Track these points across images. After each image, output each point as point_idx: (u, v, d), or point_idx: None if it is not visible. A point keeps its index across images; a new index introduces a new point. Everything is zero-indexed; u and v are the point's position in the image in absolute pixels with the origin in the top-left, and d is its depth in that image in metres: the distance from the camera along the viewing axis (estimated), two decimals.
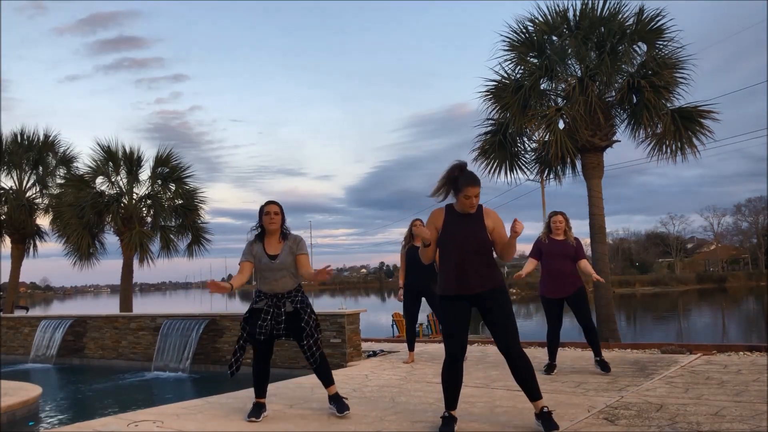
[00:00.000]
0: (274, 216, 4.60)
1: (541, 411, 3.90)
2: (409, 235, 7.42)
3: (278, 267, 4.57)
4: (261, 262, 4.60)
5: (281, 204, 4.71)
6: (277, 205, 4.67)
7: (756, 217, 65.73)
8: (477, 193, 3.95)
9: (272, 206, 4.65)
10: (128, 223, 15.86)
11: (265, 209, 4.64)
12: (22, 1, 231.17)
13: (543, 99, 11.64)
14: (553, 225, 6.26)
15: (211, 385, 7.60)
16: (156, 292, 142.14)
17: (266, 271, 4.60)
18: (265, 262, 4.58)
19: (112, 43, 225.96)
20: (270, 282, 4.61)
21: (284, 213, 4.71)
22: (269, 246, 4.62)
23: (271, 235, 4.64)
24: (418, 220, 7.37)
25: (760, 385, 5.06)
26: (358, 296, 70.69)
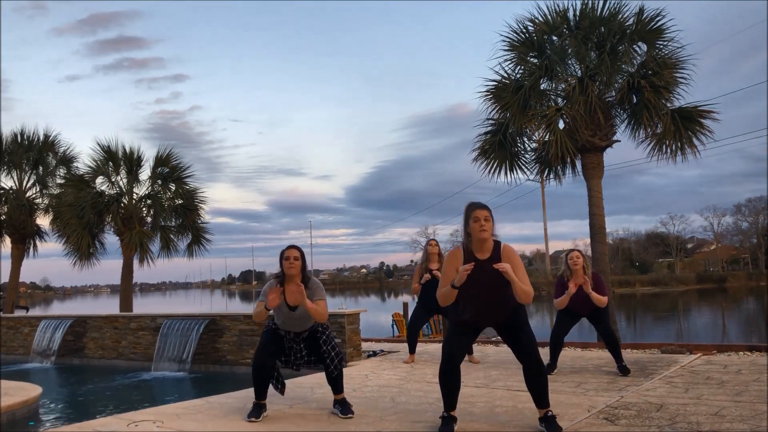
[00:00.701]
0: (294, 261, 4.60)
1: (545, 415, 3.91)
2: (425, 256, 7.46)
3: (298, 316, 4.64)
4: (281, 309, 4.64)
5: (303, 250, 4.72)
6: (297, 250, 4.67)
7: (756, 217, 65.73)
8: (486, 215, 3.89)
9: (292, 251, 4.64)
10: (128, 223, 15.85)
11: (285, 254, 4.64)
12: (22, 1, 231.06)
13: (543, 99, 11.63)
14: (570, 262, 6.09)
15: (211, 385, 7.61)
16: (156, 292, 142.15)
17: (285, 318, 4.67)
18: (285, 312, 4.64)
19: (112, 44, 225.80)
20: (287, 326, 4.70)
21: (305, 257, 4.71)
22: (289, 294, 4.60)
23: (291, 280, 4.62)
24: (433, 239, 7.64)
25: (760, 385, 5.06)
26: (358, 296, 70.69)
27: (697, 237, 77.89)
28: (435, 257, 7.33)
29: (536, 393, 3.93)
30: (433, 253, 7.35)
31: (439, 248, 7.45)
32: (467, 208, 3.99)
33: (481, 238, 3.91)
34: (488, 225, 3.90)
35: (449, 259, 4.02)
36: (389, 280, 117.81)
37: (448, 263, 4.00)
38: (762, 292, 45.05)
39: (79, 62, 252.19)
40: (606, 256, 11.47)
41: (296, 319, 4.65)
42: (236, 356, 8.84)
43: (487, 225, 3.89)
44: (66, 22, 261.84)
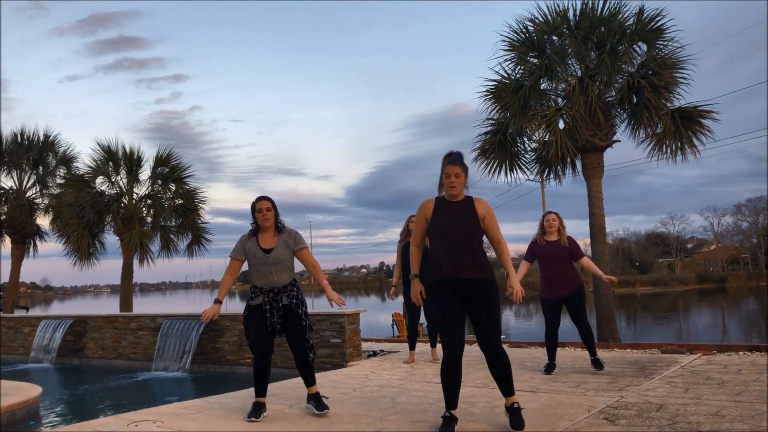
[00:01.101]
0: (266, 212, 4.55)
1: (511, 406, 3.94)
2: (405, 230, 7.38)
3: (273, 261, 4.54)
4: (255, 256, 4.56)
5: (273, 199, 4.65)
6: (269, 201, 4.60)
7: (756, 217, 65.71)
8: (457, 171, 3.92)
9: (264, 202, 4.58)
10: (128, 223, 15.86)
11: (256, 206, 4.58)
12: (22, 1, 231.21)
13: (543, 99, 11.64)
14: (546, 224, 6.25)
15: (211, 385, 7.61)
16: (156, 292, 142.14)
17: (260, 266, 4.56)
18: (259, 256, 4.54)
19: (112, 44, 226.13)
20: (265, 276, 4.58)
21: (277, 207, 4.64)
22: (263, 240, 4.58)
23: (265, 230, 4.61)
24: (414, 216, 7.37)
25: (760, 385, 5.06)
26: (358, 296, 70.64)
27: (697, 237, 77.94)
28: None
29: (500, 380, 3.95)
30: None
31: None
32: (443, 160, 4.05)
33: (450, 195, 4.01)
34: (458, 181, 3.94)
35: (420, 211, 4.10)
36: (389, 280, 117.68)
37: (419, 213, 4.10)
38: (762, 292, 45.06)
39: (79, 62, 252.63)
40: (606, 256, 11.48)
41: (272, 265, 4.54)
42: (236, 356, 8.84)
43: (457, 181, 3.94)
44: (66, 22, 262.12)
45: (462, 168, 3.97)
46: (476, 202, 4.02)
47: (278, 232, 4.62)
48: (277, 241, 4.58)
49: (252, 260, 4.59)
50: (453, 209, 3.98)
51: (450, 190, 3.97)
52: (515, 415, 3.89)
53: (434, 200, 4.08)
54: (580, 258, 6.27)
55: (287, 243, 4.60)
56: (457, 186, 3.94)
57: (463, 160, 4.05)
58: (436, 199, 4.08)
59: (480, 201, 4.04)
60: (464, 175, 3.98)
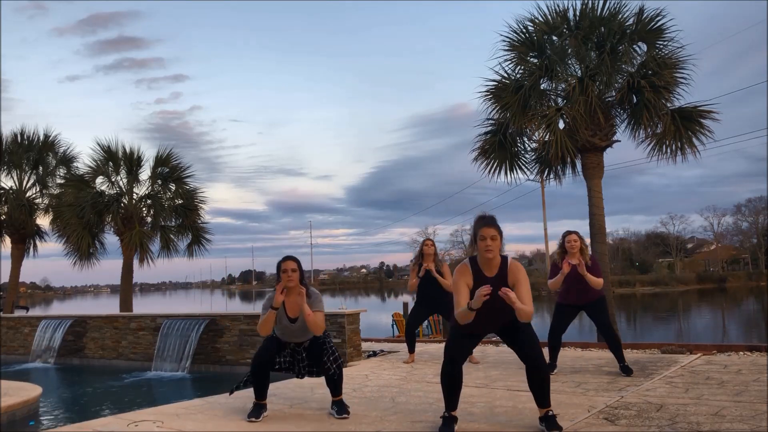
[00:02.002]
0: (291, 273, 4.56)
1: (546, 414, 3.91)
2: (420, 254, 7.44)
3: (297, 329, 4.64)
4: (281, 323, 4.65)
5: (298, 260, 4.68)
6: (294, 261, 4.64)
7: (756, 217, 65.71)
8: (493, 234, 3.89)
9: (290, 263, 4.60)
10: (128, 223, 15.85)
11: (282, 266, 4.60)
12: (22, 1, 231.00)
13: (543, 99, 11.63)
14: (567, 245, 6.06)
15: (211, 385, 7.60)
16: (156, 292, 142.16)
17: (285, 330, 4.67)
18: (285, 324, 4.64)
19: (112, 44, 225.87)
20: (288, 337, 4.71)
21: (302, 267, 4.69)
22: (289, 306, 4.60)
23: (290, 292, 4.61)
24: (429, 239, 7.56)
25: (760, 385, 5.06)
26: (358, 296, 70.69)
27: (697, 237, 77.93)
28: (430, 258, 7.32)
29: (537, 392, 3.93)
30: (429, 254, 7.33)
31: (435, 248, 7.43)
32: (475, 224, 4.02)
33: (487, 258, 3.93)
34: (494, 244, 3.90)
35: (458, 276, 4.03)
36: (389, 280, 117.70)
37: (459, 278, 4.01)
38: (762, 292, 45.06)
39: (79, 62, 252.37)
40: (606, 256, 11.47)
41: (295, 331, 4.66)
42: (236, 356, 8.84)
43: (494, 244, 3.89)
44: (66, 22, 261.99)
45: (497, 230, 3.93)
46: (510, 272, 3.96)
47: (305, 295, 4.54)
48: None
49: (277, 323, 4.66)
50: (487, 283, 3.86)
51: (486, 254, 3.90)
52: (552, 423, 3.86)
53: (470, 267, 4.01)
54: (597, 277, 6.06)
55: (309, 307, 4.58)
56: (493, 250, 3.90)
57: (497, 223, 4.00)
58: (470, 263, 4.02)
59: (513, 268, 3.98)
60: (499, 238, 3.94)
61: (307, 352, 4.72)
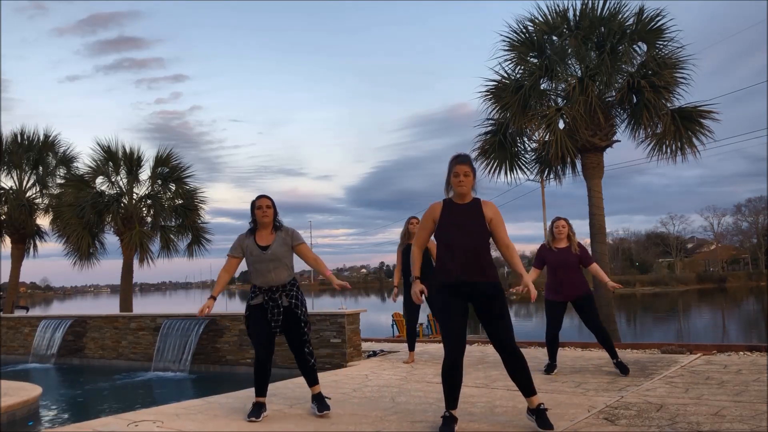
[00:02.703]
0: (266, 209, 4.60)
1: (537, 407, 3.91)
2: (405, 232, 7.36)
3: (270, 258, 4.57)
4: (252, 254, 4.59)
5: (273, 198, 4.70)
6: (268, 199, 4.67)
7: (756, 217, 65.72)
8: (466, 170, 3.93)
9: (264, 200, 4.65)
10: (128, 223, 15.86)
11: (256, 203, 4.64)
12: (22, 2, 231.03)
13: (543, 99, 11.64)
14: (555, 230, 6.19)
15: (211, 385, 7.60)
16: (156, 292, 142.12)
17: (258, 263, 4.59)
18: (257, 253, 4.57)
19: (112, 44, 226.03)
20: (263, 274, 4.60)
21: (276, 207, 4.70)
22: (261, 238, 4.62)
23: (264, 228, 4.64)
24: (414, 218, 7.36)
25: (760, 385, 5.06)
26: (358, 296, 70.67)
27: (697, 237, 77.94)
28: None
29: (520, 380, 3.93)
30: (414, 232, 7.20)
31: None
32: (450, 162, 4.05)
33: (459, 193, 3.98)
34: (467, 180, 3.94)
35: (428, 211, 4.08)
36: (389, 280, 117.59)
37: (427, 214, 4.08)
38: (762, 292, 45.06)
39: (79, 62, 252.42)
40: (606, 256, 11.48)
41: (270, 261, 4.56)
42: (236, 356, 8.84)
43: (466, 180, 3.94)
44: (66, 22, 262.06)
45: (471, 168, 3.97)
46: (484, 205, 4.01)
47: (275, 230, 4.65)
48: (275, 238, 4.61)
49: (250, 258, 4.62)
50: (461, 212, 3.97)
51: (458, 188, 3.95)
52: (542, 417, 3.86)
53: (442, 203, 4.07)
54: (590, 264, 6.21)
55: (284, 240, 4.63)
56: (465, 185, 3.94)
57: (472, 161, 4.05)
58: (443, 202, 4.07)
59: (488, 204, 4.03)
60: (473, 176, 3.98)
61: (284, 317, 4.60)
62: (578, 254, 6.13)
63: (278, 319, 4.58)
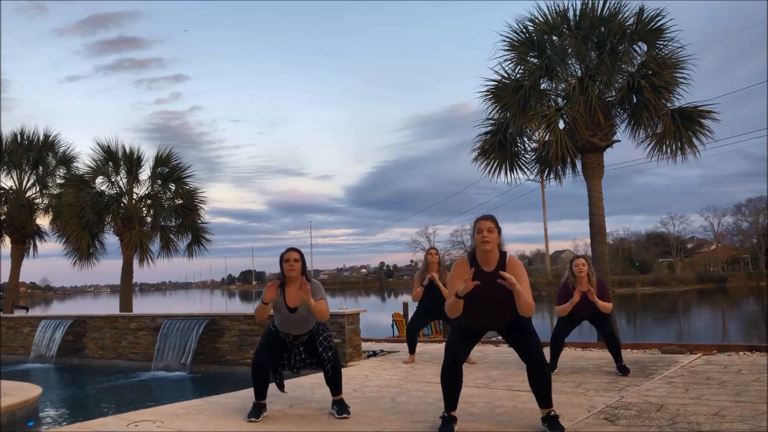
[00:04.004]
0: (294, 263, 4.61)
1: (548, 414, 3.91)
2: (425, 265, 7.48)
3: (297, 318, 4.64)
4: (280, 312, 4.66)
5: (301, 251, 4.73)
6: (297, 252, 4.70)
7: (756, 217, 65.68)
8: (489, 226, 3.90)
9: (292, 253, 4.66)
10: (128, 223, 15.85)
11: (285, 256, 4.66)
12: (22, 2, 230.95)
13: (543, 99, 11.63)
14: (575, 269, 6.04)
15: (211, 385, 7.61)
16: (156, 292, 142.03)
17: (285, 321, 4.67)
18: (285, 314, 4.64)
19: (112, 44, 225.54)
20: (288, 328, 4.70)
21: (305, 259, 4.73)
22: (289, 296, 4.62)
23: (291, 283, 4.63)
24: (433, 248, 7.70)
25: (761, 385, 5.06)
26: (358, 296, 70.68)
27: (697, 237, 77.91)
28: (435, 267, 7.37)
29: (538, 392, 3.93)
30: (433, 263, 7.40)
31: (439, 257, 7.52)
32: (474, 221, 4.07)
33: (484, 250, 3.92)
34: (491, 236, 3.90)
35: (455, 270, 4.02)
36: (389, 280, 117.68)
37: (455, 273, 4.00)
38: (762, 292, 45.05)
39: (79, 62, 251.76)
40: (606, 256, 11.47)
41: (296, 321, 4.66)
42: (236, 356, 8.84)
43: (490, 236, 3.89)
44: (66, 22, 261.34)
45: (494, 223, 3.95)
46: (509, 267, 3.92)
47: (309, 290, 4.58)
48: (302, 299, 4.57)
49: (277, 313, 4.69)
50: (486, 285, 3.84)
51: (483, 245, 3.89)
52: (554, 424, 3.86)
53: (468, 262, 4.00)
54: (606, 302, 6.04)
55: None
56: (490, 241, 3.89)
57: (496, 219, 4.01)
58: (469, 260, 4.01)
59: (512, 263, 3.95)
60: (497, 232, 3.94)
61: (305, 346, 4.73)
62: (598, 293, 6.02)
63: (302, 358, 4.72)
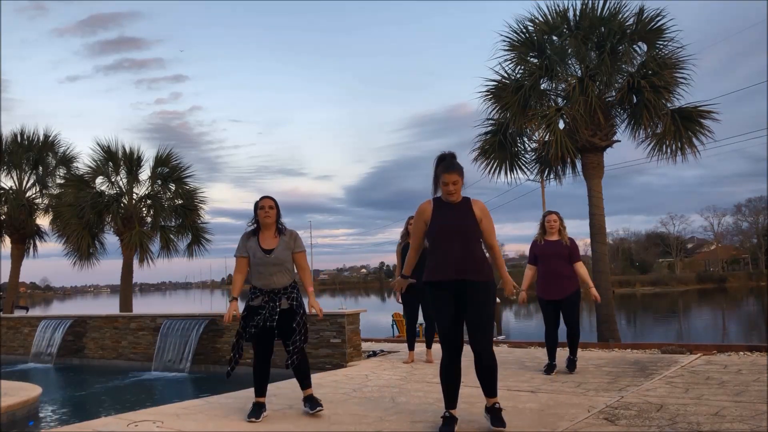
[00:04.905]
0: (269, 210, 4.57)
1: (492, 406, 3.93)
2: (405, 232, 7.37)
3: (273, 261, 4.54)
4: (255, 256, 4.57)
5: (276, 199, 4.67)
6: (271, 200, 4.64)
7: (756, 217, 65.68)
8: (454, 179, 3.90)
9: (267, 200, 4.62)
10: (128, 223, 15.85)
11: (259, 204, 4.61)
12: (22, 2, 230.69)
13: (543, 99, 11.64)
14: (546, 224, 6.24)
15: (211, 385, 7.60)
16: (156, 292, 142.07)
17: (261, 266, 4.56)
18: (260, 256, 4.54)
19: (112, 44, 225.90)
20: (265, 277, 4.58)
21: (279, 208, 4.67)
22: (264, 240, 4.59)
23: (267, 229, 4.61)
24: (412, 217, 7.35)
25: (760, 385, 5.06)
26: (358, 296, 70.67)
27: (697, 237, 77.92)
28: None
29: (483, 381, 3.94)
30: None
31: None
32: (436, 166, 4.02)
33: (450, 201, 3.99)
34: (456, 188, 3.94)
35: (418, 213, 4.07)
36: (389, 281, 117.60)
37: (417, 216, 4.07)
38: (762, 292, 45.05)
39: (79, 63, 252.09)
40: (606, 256, 11.47)
41: (272, 266, 4.53)
42: None
43: (455, 188, 3.94)
44: (66, 22, 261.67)
45: (459, 174, 3.93)
46: (473, 204, 4.00)
47: (279, 233, 4.62)
48: (278, 241, 4.58)
49: (252, 260, 4.60)
50: (450, 211, 3.96)
51: (448, 197, 3.95)
52: (496, 417, 3.87)
53: (431, 202, 4.05)
54: (577, 261, 6.22)
55: (288, 244, 4.60)
56: (455, 193, 3.94)
57: (457, 164, 3.98)
58: (433, 201, 4.06)
59: (477, 203, 4.02)
60: (461, 180, 3.94)
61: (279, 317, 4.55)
62: (568, 246, 6.15)
63: (274, 319, 4.54)
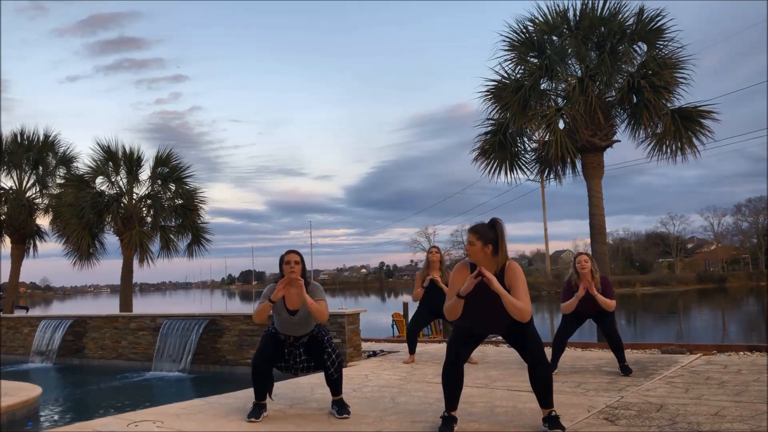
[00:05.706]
0: (294, 265, 4.58)
1: (549, 415, 3.91)
2: (426, 264, 7.45)
3: (297, 321, 4.63)
4: (280, 315, 4.63)
5: (301, 253, 4.71)
6: (297, 254, 4.67)
7: (756, 217, 65.65)
8: (469, 239, 3.95)
9: (292, 255, 4.64)
10: (128, 223, 15.86)
11: (285, 258, 4.64)
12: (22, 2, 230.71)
13: (543, 99, 11.64)
14: (578, 266, 6.02)
15: (211, 385, 7.61)
16: (156, 292, 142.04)
17: (284, 323, 4.65)
18: (285, 317, 4.62)
19: (112, 44, 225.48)
20: (288, 330, 4.67)
21: (304, 261, 4.71)
22: (289, 299, 4.60)
23: (291, 285, 4.60)
24: (434, 247, 7.59)
25: (760, 385, 5.06)
26: (358, 296, 70.67)
27: (697, 237, 77.88)
28: (436, 265, 7.33)
29: (540, 393, 3.93)
30: (434, 261, 7.35)
31: (440, 255, 7.47)
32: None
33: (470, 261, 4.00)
34: (471, 249, 3.95)
35: (456, 273, 4.04)
36: (389, 280, 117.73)
37: (456, 277, 4.03)
38: (762, 292, 45.04)
39: (79, 63, 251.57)
40: (606, 256, 11.48)
41: (296, 324, 4.64)
42: (236, 356, 8.84)
43: (471, 249, 3.96)
44: (66, 22, 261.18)
45: (475, 235, 3.92)
46: (506, 273, 3.92)
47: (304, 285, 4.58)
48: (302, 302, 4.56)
49: (276, 316, 4.67)
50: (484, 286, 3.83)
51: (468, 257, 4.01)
52: (555, 424, 3.86)
53: (468, 266, 4.01)
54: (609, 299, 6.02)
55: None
56: (471, 254, 3.95)
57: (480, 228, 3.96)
58: (469, 266, 4.00)
59: (510, 270, 3.93)
60: (481, 242, 3.90)
61: (305, 348, 4.70)
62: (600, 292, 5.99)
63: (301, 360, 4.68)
